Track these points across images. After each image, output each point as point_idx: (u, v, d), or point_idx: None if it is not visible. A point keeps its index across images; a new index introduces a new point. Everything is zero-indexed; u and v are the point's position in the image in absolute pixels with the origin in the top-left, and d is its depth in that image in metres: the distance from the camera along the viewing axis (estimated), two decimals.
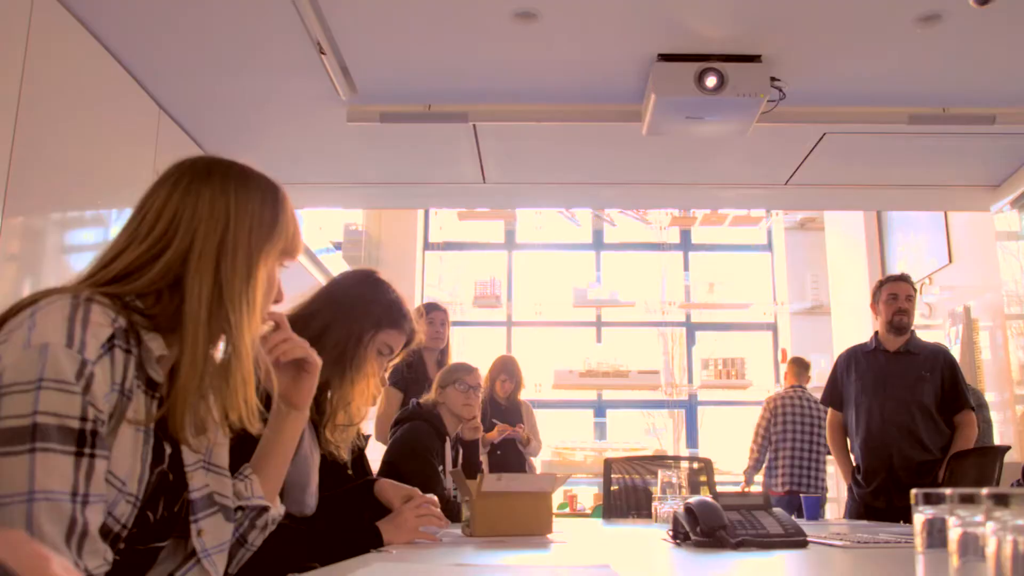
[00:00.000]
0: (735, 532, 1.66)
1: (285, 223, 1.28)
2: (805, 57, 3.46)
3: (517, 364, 5.05)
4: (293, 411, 1.39)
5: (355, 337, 1.82)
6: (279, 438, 1.38)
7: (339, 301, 1.87)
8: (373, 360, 1.86)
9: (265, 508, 1.33)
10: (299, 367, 1.38)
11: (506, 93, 3.78)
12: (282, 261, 1.29)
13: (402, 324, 1.92)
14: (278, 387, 1.37)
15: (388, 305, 1.91)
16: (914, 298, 3.92)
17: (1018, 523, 0.87)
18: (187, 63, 3.51)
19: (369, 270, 2.06)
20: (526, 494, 2.06)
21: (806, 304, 8.45)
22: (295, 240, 1.30)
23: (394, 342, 1.92)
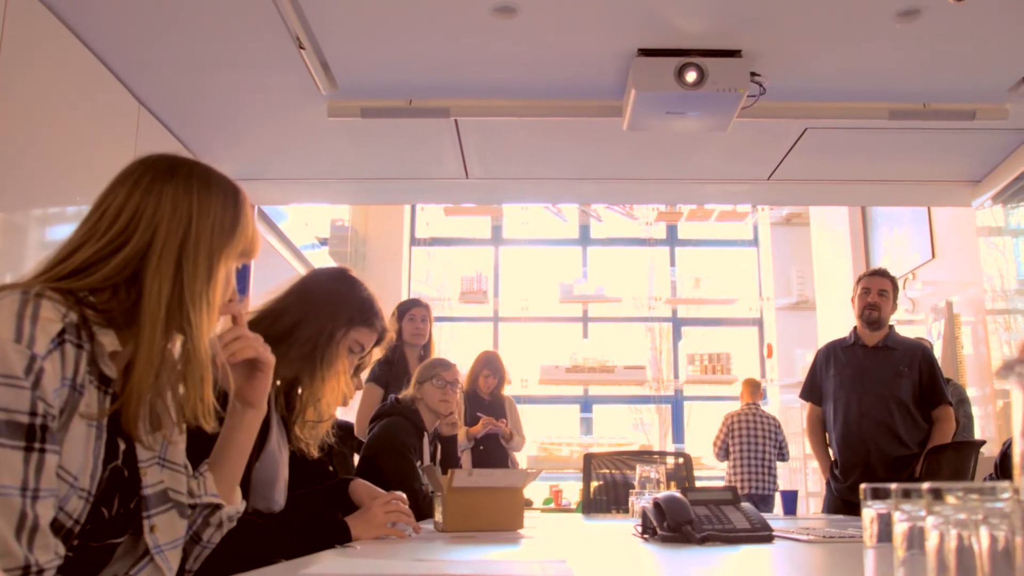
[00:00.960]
0: (701, 527, 1.66)
1: (245, 225, 1.28)
2: (785, 52, 3.46)
3: (500, 359, 5.04)
4: (249, 409, 1.38)
5: (327, 334, 1.82)
6: (235, 436, 1.38)
7: (312, 298, 1.87)
8: (344, 357, 1.86)
9: (218, 506, 1.32)
10: (253, 365, 1.37)
11: (487, 88, 3.77)
12: (240, 262, 1.30)
13: (374, 322, 1.92)
14: (233, 385, 1.37)
15: (361, 303, 1.91)
16: (889, 293, 3.92)
17: (959, 517, 0.88)
18: (166, 58, 3.49)
19: (342, 268, 2.07)
20: (498, 490, 2.06)
21: (791, 299, 8.48)
22: (254, 242, 1.31)
23: (365, 340, 1.92)
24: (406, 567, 1.18)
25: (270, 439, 1.73)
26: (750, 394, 6.89)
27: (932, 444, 3.70)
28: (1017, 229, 4.56)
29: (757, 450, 6.57)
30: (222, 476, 1.35)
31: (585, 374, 8.42)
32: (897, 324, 6.43)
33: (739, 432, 6.68)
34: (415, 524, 1.89)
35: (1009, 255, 4.73)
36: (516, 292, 8.97)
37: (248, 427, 1.39)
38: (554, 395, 8.72)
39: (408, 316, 4.16)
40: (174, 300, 1.15)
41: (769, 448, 6.59)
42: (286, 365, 1.76)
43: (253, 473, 1.66)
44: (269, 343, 1.43)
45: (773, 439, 6.63)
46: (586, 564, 1.36)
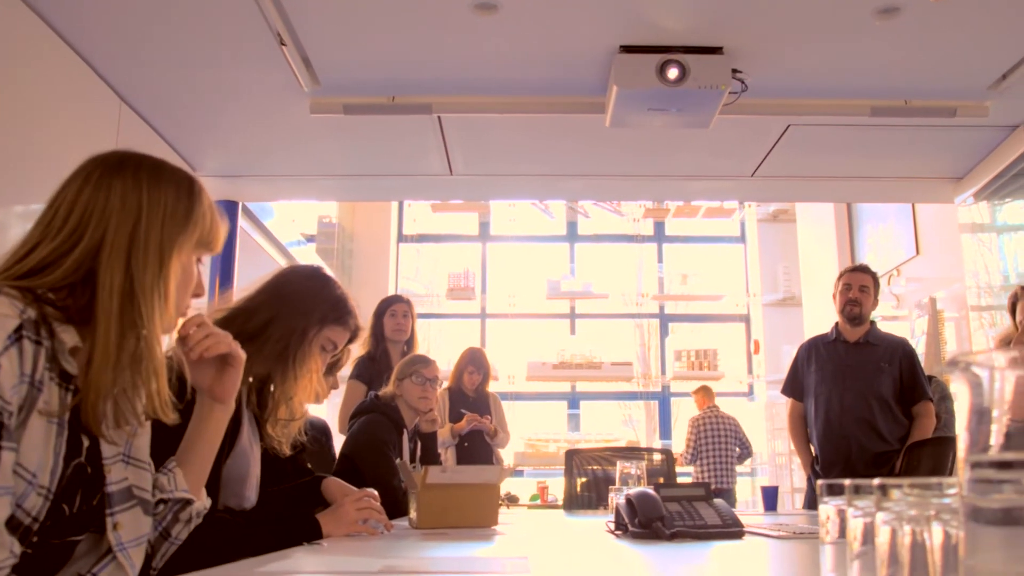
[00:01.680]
0: (672, 523, 1.67)
1: (201, 215, 1.27)
2: (766, 49, 3.47)
3: (485, 356, 5.04)
4: (218, 405, 1.38)
5: (299, 332, 1.81)
6: (203, 432, 1.38)
7: (285, 296, 1.86)
8: (317, 355, 1.86)
9: (188, 501, 1.32)
10: (224, 361, 1.37)
11: (470, 84, 3.77)
12: (199, 254, 1.29)
13: (347, 320, 1.92)
14: (203, 381, 1.36)
15: (334, 301, 1.91)
16: (870, 288, 3.93)
17: (912, 513, 0.89)
18: (147, 55, 3.47)
19: (316, 266, 2.07)
20: (472, 486, 2.06)
21: (778, 295, 8.51)
22: (212, 232, 1.30)
23: (338, 338, 1.92)
24: (362, 563, 1.18)
25: (241, 436, 1.73)
26: (706, 398, 7.49)
27: (912, 440, 3.72)
28: (999, 226, 4.58)
29: (722, 449, 7.16)
30: (190, 471, 1.35)
31: (572, 370, 8.43)
32: (881, 320, 6.49)
33: (707, 434, 7.22)
34: (387, 521, 1.89)
35: (993, 251, 4.75)
36: (503, 289, 8.97)
37: (217, 423, 1.39)
38: (541, 391, 8.73)
39: (390, 312, 4.15)
40: (126, 294, 1.15)
41: (731, 446, 7.21)
42: (258, 363, 1.75)
43: (224, 470, 1.66)
44: (241, 341, 1.43)
45: (735, 438, 7.26)
46: (549, 560, 1.37)
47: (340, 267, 8.39)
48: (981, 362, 0.75)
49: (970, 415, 0.73)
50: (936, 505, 0.84)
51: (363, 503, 1.82)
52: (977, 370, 0.75)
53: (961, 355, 0.75)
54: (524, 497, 7.69)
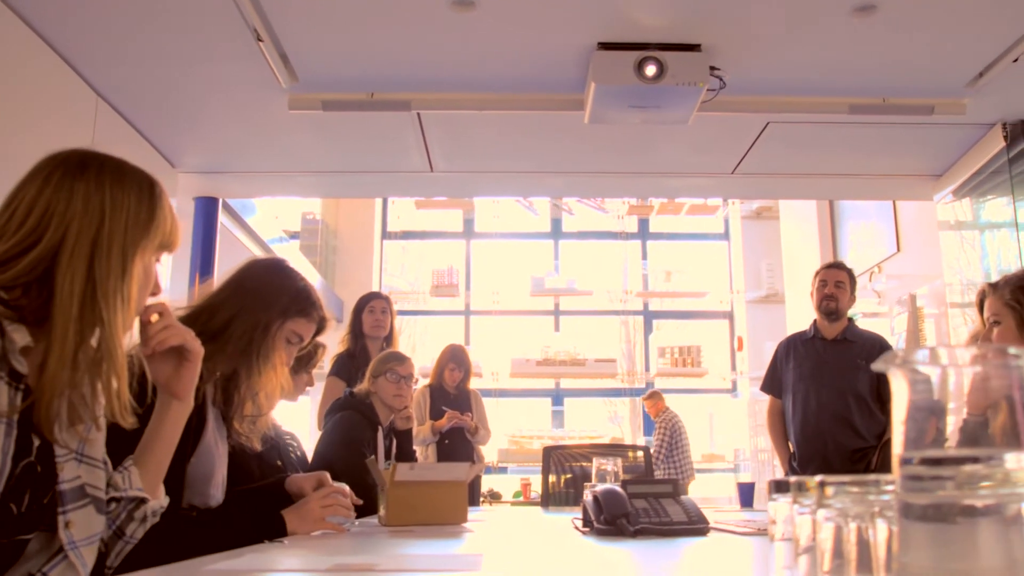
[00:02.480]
0: (637, 520, 1.67)
1: (162, 217, 1.27)
2: (744, 46, 3.47)
3: (466, 353, 5.04)
4: (175, 401, 1.37)
5: (262, 327, 1.80)
6: (161, 429, 1.37)
7: (247, 290, 1.85)
8: (281, 349, 1.85)
9: (143, 500, 1.31)
10: (181, 356, 1.36)
11: (449, 81, 3.76)
12: (159, 254, 1.28)
13: (311, 312, 1.91)
14: (160, 376, 1.36)
15: (296, 293, 1.90)
16: (846, 285, 3.95)
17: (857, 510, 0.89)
18: (123, 50, 3.45)
19: (278, 258, 2.05)
20: (440, 483, 2.05)
21: (761, 292, 8.53)
22: (173, 234, 1.30)
23: (303, 330, 1.90)
24: (314, 561, 1.18)
25: (205, 435, 1.72)
26: (659, 402, 7.78)
27: (888, 436, 3.73)
28: (977, 223, 4.59)
29: (685, 446, 7.54)
30: (147, 469, 1.34)
31: (556, 367, 8.44)
32: (862, 317, 6.51)
33: (675, 432, 7.54)
34: (352, 516, 1.87)
35: (975, 248, 4.77)
36: (488, 285, 8.97)
37: (174, 420, 1.38)
38: (525, 388, 8.73)
39: (368, 308, 4.14)
40: (87, 297, 1.14)
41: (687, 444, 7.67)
42: (223, 361, 1.74)
43: (188, 469, 1.65)
44: (205, 339, 1.42)
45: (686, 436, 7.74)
46: (505, 557, 1.37)
47: (324, 264, 8.37)
48: (919, 359, 0.75)
49: (908, 412, 0.73)
50: (879, 502, 0.84)
51: (329, 500, 1.80)
52: (916, 367, 0.75)
53: (899, 354, 0.75)
54: (507, 494, 7.70)
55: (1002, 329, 2.07)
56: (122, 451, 1.33)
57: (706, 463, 8.52)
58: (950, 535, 0.65)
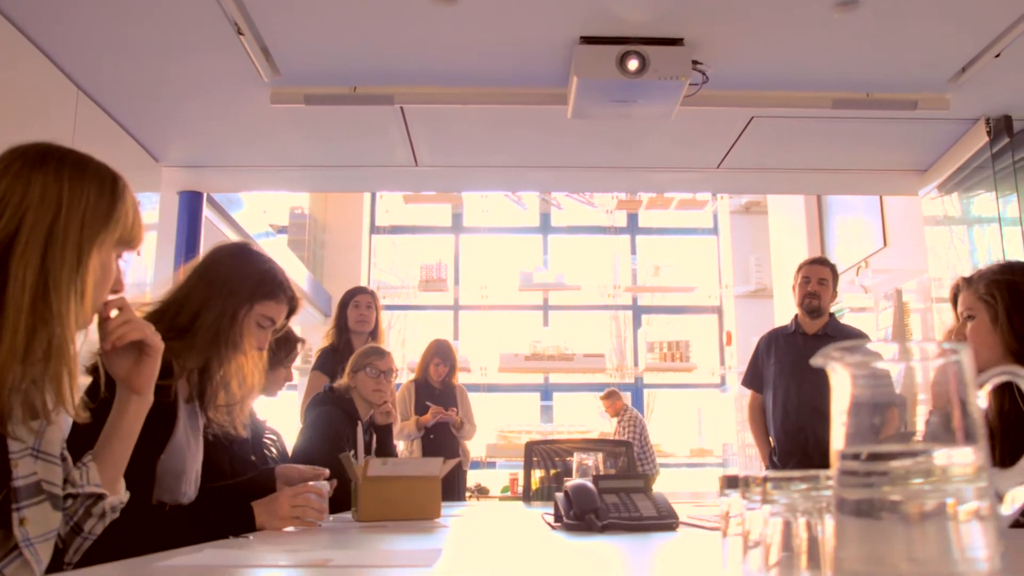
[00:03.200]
0: (606, 515, 1.67)
1: (123, 212, 1.26)
2: (727, 41, 3.47)
3: (451, 348, 5.04)
4: (134, 396, 1.36)
5: (229, 315, 1.78)
6: (120, 424, 1.36)
7: (211, 280, 1.83)
8: (252, 335, 1.83)
9: (101, 496, 1.30)
10: (141, 351, 1.35)
11: (432, 75, 3.75)
12: (120, 251, 1.27)
13: (278, 294, 1.89)
14: (119, 371, 1.35)
15: (261, 277, 1.87)
16: (829, 281, 3.96)
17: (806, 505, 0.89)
18: (103, 43, 3.43)
19: (241, 242, 2.02)
20: (413, 478, 2.05)
21: (750, 287, 8.54)
22: (134, 230, 1.29)
23: (273, 313, 1.88)
24: (271, 557, 1.17)
25: (176, 431, 1.71)
26: (619, 401, 7.76)
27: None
28: (961, 218, 4.60)
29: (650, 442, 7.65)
30: (106, 465, 1.33)
31: (545, 362, 8.44)
32: (849, 311, 6.52)
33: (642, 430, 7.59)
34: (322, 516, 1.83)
35: (964, 243, 4.77)
36: (476, 280, 8.96)
37: (134, 415, 1.37)
38: (514, 383, 8.73)
39: (353, 303, 4.13)
40: (39, 288, 1.13)
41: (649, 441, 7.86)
42: (194, 355, 1.73)
43: (159, 465, 1.64)
44: (174, 335, 1.42)
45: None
46: (466, 552, 1.37)
47: (312, 258, 8.36)
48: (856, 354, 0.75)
49: (850, 407, 0.72)
50: (826, 497, 0.84)
51: (299, 499, 1.76)
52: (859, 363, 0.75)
53: (840, 348, 0.74)
54: (495, 489, 7.70)
55: (976, 324, 2.07)
56: (81, 447, 1.32)
57: (694, 458, 8.54)
58: (879, 530, 0.65)
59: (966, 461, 0.66)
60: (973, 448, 0.67)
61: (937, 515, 0.62)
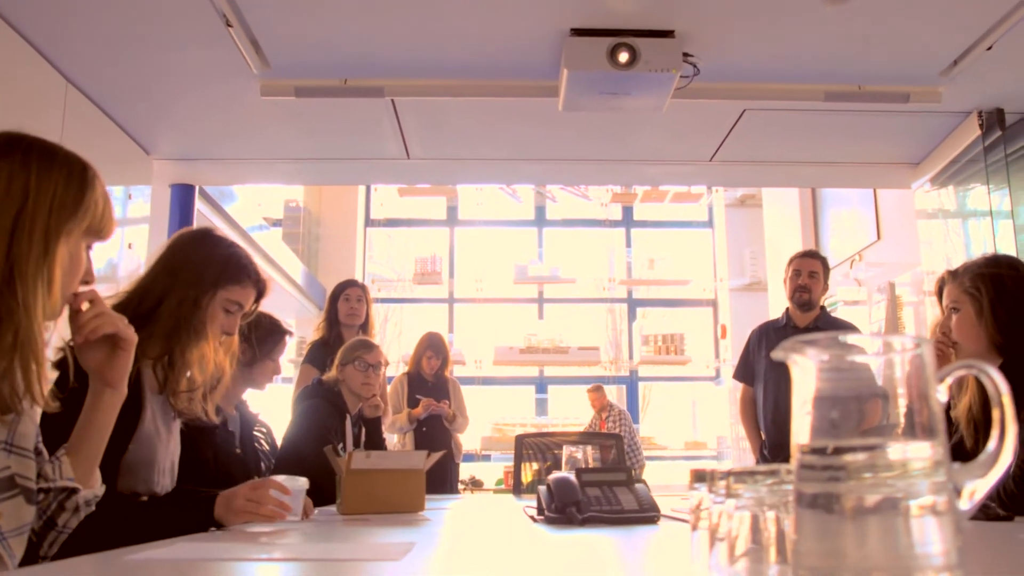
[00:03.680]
0: (588, 508, 1.66)
1: (92, 202, 1.25)
2: (718, 33, 3.45)
3: (444, 341, 5.03)
4: (108, 389, 1.35)
5: (191, 301, 1.77)
6: (94, 417, 1.35)
7: (174, 268, 1.81)
8: (218, 320, 1.81)
9: (74, 490, 1.30)
10: (114, 344, 1.35)
11: (423, 67, 3.74)
12: (89, 241, 1.26)
13: (242, 279, 1.87)
14: (92, 364, 1.34)
15: (224, 261, 1.86)
16: (819, 274, 3.95)
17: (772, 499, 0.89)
18: (92, 35, 3.41)
19: (204, 228, 1.99)
20: (397, 471, 2.05)
21: (745, 280, 8.54)
22: (104, 220, 1.28)
23: (240, 297, 1.86)
24: (242, 551, 1.17)
25: (143, 421, 1.69)
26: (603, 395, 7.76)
27: None
28: (954, 212, 4.60)
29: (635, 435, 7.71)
30: (80, 458, 1.33)
31: (540, 355, 8.44)
32: (843, 304, 6.53)
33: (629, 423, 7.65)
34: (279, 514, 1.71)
35: (959, 236, 4.76)
36: (471, 273, 8.96)
37: (108, 408, 1.36)
38: (509, 376, 8.73)
39: (343, 296, 4.13)
40: (5, 278, 1.12)
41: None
42: (156, 343, 1.72)
43: (127, 456, 1.63)
44: (138, 323, 1.41)
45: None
46: (440, 546, 1.36)
47: (307, 252, 8.35)
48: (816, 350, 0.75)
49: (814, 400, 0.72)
50: (789, 492, 0.84)
51: (256, 494, 1.65)
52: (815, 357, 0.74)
53: (798, 341, 0.74)
54: (490, 482, 7.72)
55: (960, 316, 2.07)
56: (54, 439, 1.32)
57: (689, 450, 8.55)
58: (835, 524, 0.64)
59: (923, 455, 0.65)
60: (931, 442, 0.66)
61: (890, 509, 0.62)
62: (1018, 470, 1.84)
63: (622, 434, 7.29)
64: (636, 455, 7.41)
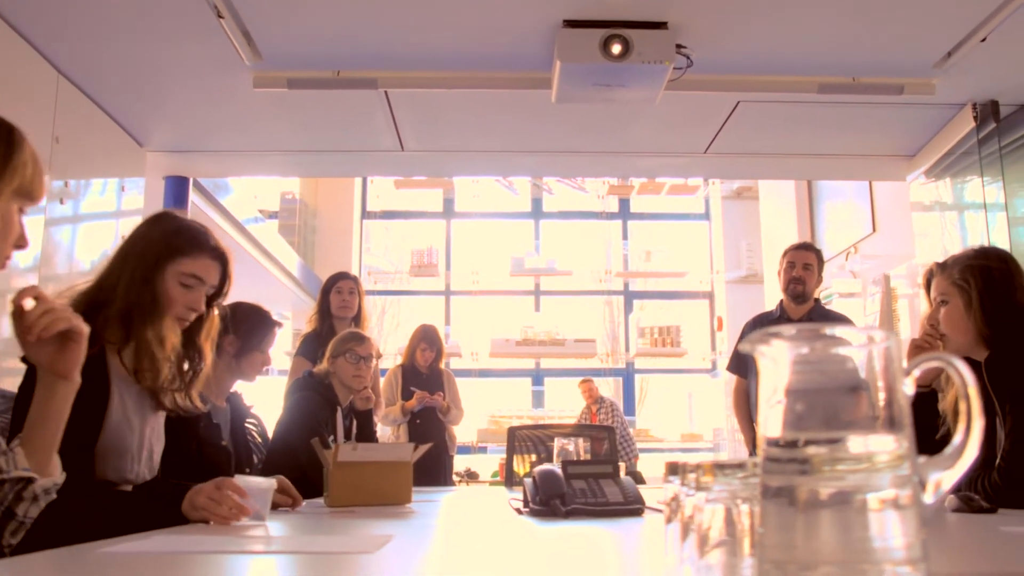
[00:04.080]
0: (573, 500, 1.66)
1: (20, 163, 1.24)
2: (711, 24, 3.44)
3: (438, 333, 5.03)
4: (60, 381, 1.34)
5: (140, 280, 1.75)
6: (47, 409, 1.34)
7: (126, 252, 1.79)
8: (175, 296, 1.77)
9: (30, 480, 1.29)
10: (65, 336, 1.33)
11: (416, 59, 3.72)
12: (19, 203, 1.26)
13: (191, 250, 1.81)
14: (42, 358, 1.33)
15: (172, 236, 1.82)
16: (814, 266, 3.95)
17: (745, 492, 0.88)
18: (84, 26, 3.39)
19: (161, 211, 1.95)
20: (384, 464, 2.04)
21: (741, 272, 8.54)
22: (33, 182, 1.26)
23: (195, 269, 1.81)
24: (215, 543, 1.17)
25: (111, 410, 1.67)
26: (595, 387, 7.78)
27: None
28: (949, 204, 4.59)
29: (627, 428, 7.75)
30: (35, 448, 1.32)
31: (536, 347, 8.44)
32: (838, 297, 6.52)
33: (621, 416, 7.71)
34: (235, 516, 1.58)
35: (956, 228, 4.76)
36: (467, 266, 8.96)
37: (61, 399, 1.35)
38: (505, 368, 8.74)
39: (335, 289, 4.12)
40: None
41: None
42: (115, 328, 1.70)
43: (98, 445, 1.61)
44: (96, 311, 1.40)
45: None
46: (419, 538, 1.36)
47: (303, 244, 8.34)
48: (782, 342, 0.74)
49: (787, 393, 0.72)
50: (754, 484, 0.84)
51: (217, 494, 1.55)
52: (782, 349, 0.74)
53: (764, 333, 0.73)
54: (486, 474, 7.73)
55: (949, 309, 2.07)
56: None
57: (685, 443, 8.55)
58: (797, 517, 0.64)
59: (887, 448, 0.65)
60: (895, 436, 0.66)
61: (847, 503, 0.62)
62: (1003, 462, 1.84)
63: (613, 426, 7.32)
64: (629, 447, 7.41)
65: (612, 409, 7.61)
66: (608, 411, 7.58)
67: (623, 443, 7.36)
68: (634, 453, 7.55)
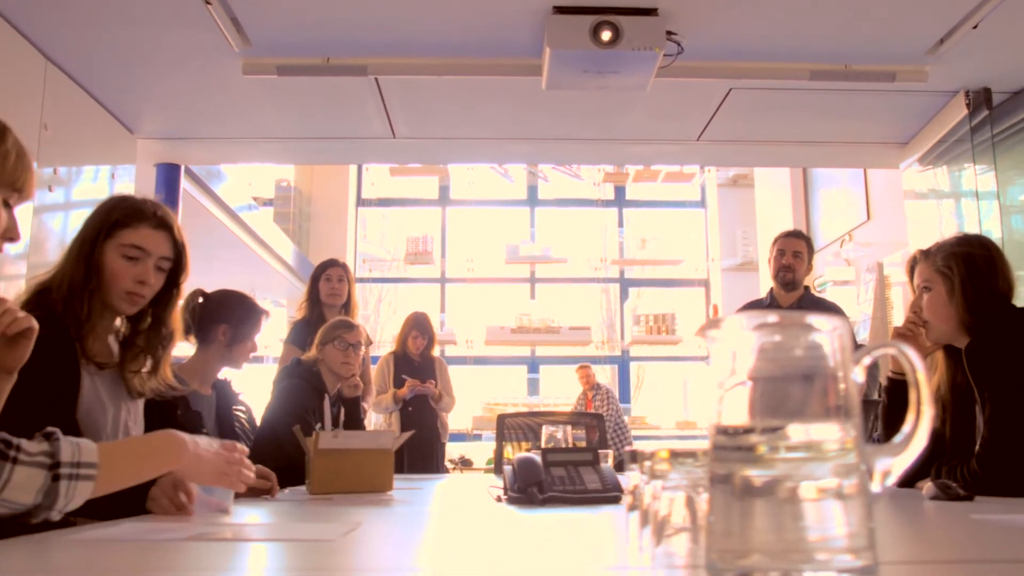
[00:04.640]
0: (551, 487, 1.67)
1: (3, 153, 1.23)
2: (702, 10, 3.43)
3: (429, 320, 5.03)
4: (4, 375, 1.32)
5: (76, 258, 1.72)
6: None
7: (76, 238, 1.77)
8: (118, 269, 1.73)
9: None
10: (19, 333, 1.32)
11: (406, 45, 3.71)
12: (5, 196, 1.25)
13: (129, 220, 1.76)
14: None
15: (109, 209, 1.78)
16: (804, 254, 3.95)
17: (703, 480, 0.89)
18: (71, 13, 3.38)
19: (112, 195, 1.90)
20: (366, 451, 2.04)
21: (736, 260, 8.54)
22: (16, 173, 1.26)
23: (136, 239, 1.76)
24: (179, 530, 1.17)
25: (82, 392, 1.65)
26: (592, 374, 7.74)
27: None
28: (941, 192, 4.59)
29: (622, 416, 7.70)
30: None
31: (531, 335, 8.44)
32: (832, 285, 6.52)
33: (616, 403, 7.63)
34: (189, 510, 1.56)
35: (943, 216, 4.75)
36: (463, 253, 8.95)
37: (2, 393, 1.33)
38: (501, 356, 8.75)
39: (324, 276, 4.11)
40: None
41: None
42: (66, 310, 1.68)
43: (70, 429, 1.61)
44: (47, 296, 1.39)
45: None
46: (387, 526, 1.36)
47: (298, 231, 8.33)
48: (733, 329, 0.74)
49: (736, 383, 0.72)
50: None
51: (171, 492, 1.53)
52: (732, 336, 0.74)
53: (716, 320, 0.73)
54: (481, 461, 7.74)
55: (932, 296, 2.07)
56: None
57: (680, 430, 8.57)
58: (741, 504, 0.64)
59: (830, 437, 0.65)
60: (840, 424, 0.66)
61: (785, 492, 0.62)
62: (982, 450, 1.84)
63: (608, 414, 7.32)
64: (622, 434, 7.42)
65: (608, 396, 7.62)
66: (604, 398, 7.59)
67: (617, 431, 7.37)
68: (628, 441, 7.56)
